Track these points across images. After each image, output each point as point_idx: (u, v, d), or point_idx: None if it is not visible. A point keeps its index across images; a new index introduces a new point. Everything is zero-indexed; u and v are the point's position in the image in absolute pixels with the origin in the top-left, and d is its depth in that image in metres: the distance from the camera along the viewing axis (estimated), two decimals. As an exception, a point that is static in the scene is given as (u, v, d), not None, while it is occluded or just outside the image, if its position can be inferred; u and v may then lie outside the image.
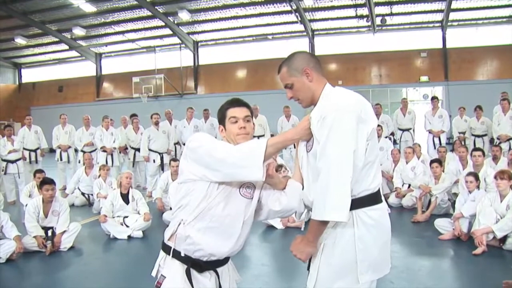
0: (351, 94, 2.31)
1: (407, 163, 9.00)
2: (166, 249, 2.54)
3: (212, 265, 2.54)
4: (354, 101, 2.23)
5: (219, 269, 2.58)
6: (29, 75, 30.96)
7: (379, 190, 2.35)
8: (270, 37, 25.07)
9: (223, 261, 2.60)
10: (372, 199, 2.30)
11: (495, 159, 8.59)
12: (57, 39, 25.13)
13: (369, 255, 2.26)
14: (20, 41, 25.15)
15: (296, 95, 2.44)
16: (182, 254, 2.46)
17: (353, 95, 2.29)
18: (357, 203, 2.24)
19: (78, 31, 23.83)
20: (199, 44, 26.46)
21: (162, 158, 10.82)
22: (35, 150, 11.28)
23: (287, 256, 2.86)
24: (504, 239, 5.69)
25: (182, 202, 2.50)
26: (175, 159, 8.90)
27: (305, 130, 2.31)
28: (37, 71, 30.60)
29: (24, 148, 10.93)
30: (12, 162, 10.25)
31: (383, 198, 2.41)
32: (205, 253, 2.47)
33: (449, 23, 21.95)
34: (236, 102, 2.59)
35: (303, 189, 2.54)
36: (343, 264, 2.26)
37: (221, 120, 2.59)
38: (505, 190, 5.86)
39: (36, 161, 11.26)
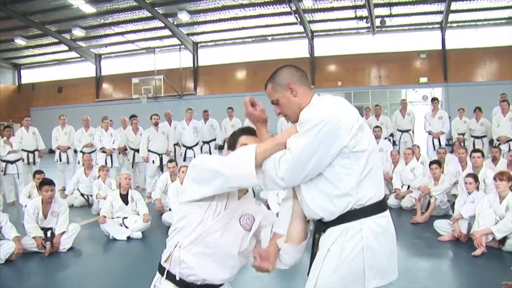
0: (332, 105, 2.28)
1: (406, 164, 9.00)
2: (162, 270, 2.54)
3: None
4: (332, 113, 2.19)
5: None
6: (29, 76, 31.00)
7: (385, 196, 2.36)
8: (269, 38, 25.11)
9: (217, 286, 2.59)
10: (380, 206, 2.30)
11: (495, 160, 8.59)
12: (56, 40, 25.16)
13: (377, 262, 2.26)
14: (19, 42, 25.19)
15: (283, 110, 2.44)
16: (177, 278, 2.46)
17: (334, 107, 2.26)
18: (365, 212, 2.25)
19: (78, 32, 23.84)
20: (199, 45, 26.48)
21: (161, 159, 10.83)
22: (33, 152, 11.23)
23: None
24: (503, 240, 5.69)
25: (178, 224, 2.53)
26: (171, 160, 8.92)
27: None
28: (37, 71, 30.65)
29: (22, 149, 10.88)
30: (12, 162, 10.25)
31: None
32: (199, 278, 2.48)
33: (448, 25, 21.98)
34: (250, 131, 2.61)
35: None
36: (350, 271, 2.25)
37: (232, 145, 2.61)
38: (504, 191, 5.86)
39: (34, 163, 11.20)
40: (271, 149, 2.28)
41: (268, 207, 7.82)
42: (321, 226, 2.38)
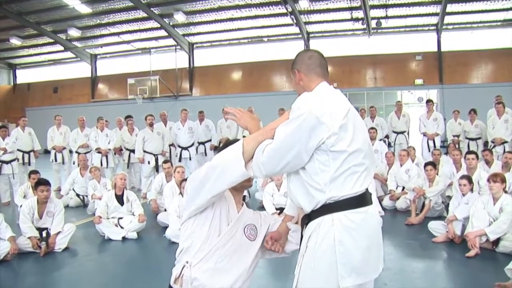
0: (322, 99, 2.32)
1: (401, 165, 9.03)
2: None
3: None
4: (317, 107, 2.22)
5: None
6: (24, 76, 30.88)
7: (364, 193, 2.33)
8: (265, 39, 25.08)
9: None
10: (354, 202, 2.28)
11: (488, 163, 8.62)
12: (52, 40, 25.07)
13: (351, 259, 2.24)
14: (15, 41, 25.07)
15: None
16: None
17: (323, 101, 2.30)
18: (337, 206, 2.26)
19: (73, 32, 23.76)
20: (195, 46, 26.45)
21: (156, 160, 10.82)
22: (28, 152, 11.18)
23: (281, 259, 2.89)
24: (497, 241, 5.73)
25: (184, 244, 2.55)
26: (166, 161, 8.96)
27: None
28: (32, 72, 30.52)
29: (17, 149, 10.82)
30: (7, 162, 10.22)
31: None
32: None
33: (444, 27, 22.05)
34: None
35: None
36: (324, 267, 2.25)
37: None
38: (498, 193, 5.90)
39: (29, 163, 11.14)
40: (259, 136, 2.35)
41: (263, 208, 7.86)
42: (304, 220, 2.43)
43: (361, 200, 2.31)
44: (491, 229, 5.68)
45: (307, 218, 2.38)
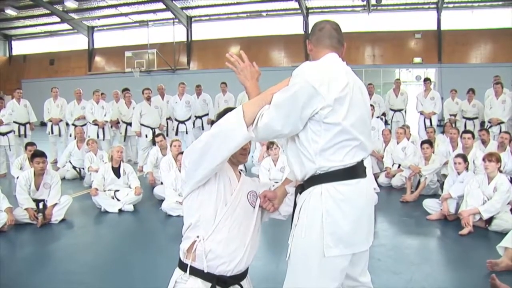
0: (322, 69, 2.31)
1: (398, 143, 9.05)
2: (183, 267, 2.52)
3: (236, 279, 2.55)
4: (316, 77, 2.22)
5: (243, 282, 2.60)
6: (20, 47, 30.55)
7: (355, 166, 2.32)
8: (264, 14, 24.83)
9: (245, 273, 2.63)
10: (343, 174, 2.29)
11: (484, 142, 8.64)
12: (48, 11, 24.69)
13: (338, 229, 2.26)
14: (10, 12, 24.56)
15: None
16: (205, 270, 2.45)
17: (323, 71, 2.28)
18: (326, 177, 2.28)
19: (70, 4, 23.36)
20: (193, 19, 26.19)
21: (153, 133, 10.79)
22: (24, 124, 11.06)
23: (275, 231, 2.91)
24: (490, 220, 5.78)
25: (191, 220, 2.52)
26: (159, 135, 9.00)
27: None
28: (28, 43, 30.18)
29: (13, 121, 10.73)
30: (3, 134, 10.19)
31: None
32: (229, 266, 2.47)
33: (444, 5, 21.86)
34: None
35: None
36: (314, 236, 2.27)
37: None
38: (493, 173, 5.93)
39: (25, 135, 11.05)
40: (259, 100, 2.34)
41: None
42: (298, 189, 2.46)
43: (352, 172, 2.32)
44: (484, 208, 5.74)
45: (301, 188, 2.42)
